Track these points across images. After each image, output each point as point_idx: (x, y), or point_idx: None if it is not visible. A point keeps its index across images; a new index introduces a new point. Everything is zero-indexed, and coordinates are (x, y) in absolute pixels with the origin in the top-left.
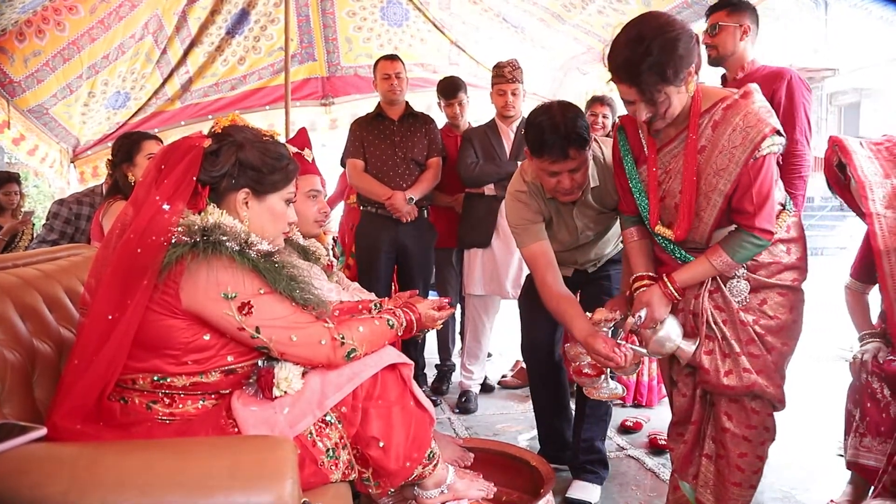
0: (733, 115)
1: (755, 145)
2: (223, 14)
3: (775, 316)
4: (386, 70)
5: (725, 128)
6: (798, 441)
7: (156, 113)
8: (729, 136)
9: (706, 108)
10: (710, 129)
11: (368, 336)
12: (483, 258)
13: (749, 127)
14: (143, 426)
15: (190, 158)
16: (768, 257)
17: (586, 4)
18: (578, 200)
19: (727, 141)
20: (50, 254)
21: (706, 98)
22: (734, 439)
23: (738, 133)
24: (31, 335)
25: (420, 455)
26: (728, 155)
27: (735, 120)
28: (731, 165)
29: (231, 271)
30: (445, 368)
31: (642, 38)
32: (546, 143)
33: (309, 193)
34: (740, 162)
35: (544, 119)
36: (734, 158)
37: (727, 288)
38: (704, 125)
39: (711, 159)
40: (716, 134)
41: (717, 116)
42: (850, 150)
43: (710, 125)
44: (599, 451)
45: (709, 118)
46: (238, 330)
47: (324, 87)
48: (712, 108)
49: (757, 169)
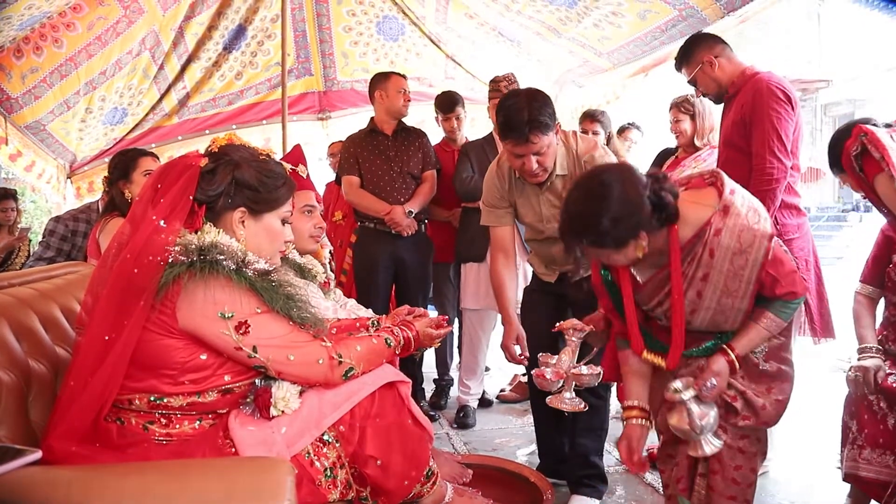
0: (729, 240)
1: (762, 263)
2: (220, 30)
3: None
4: (402, 86)
5: (726, 254)
6: (797, 454)
7: (153, 128)
8: (731, 260)
9: (689, 238)
10: (707, 256)
11: (366, 355)
12: (479, 272)
13: (749, 248)
14: (139, 447)
15: (186, 178)
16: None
17: (582, 18)
18: (545, 186)
19: (730, 264)
20: (46, 272)
21: (686, 225)
22: (730, 452)
23: (739, 256)
24: (27, 355)
25: (418, 473)
26: (737, 278)
27: (732, 244)
28: (744, 286)
29: (228, 291)
30: (444, 383)
31: (578, 210)
32: (510, 127)
33: (304, 209)
34: (752, 280)
35: (512, 104)
36: (745, 278)
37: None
38: (700, 253)
39: (722, 283)
40: (714, 260)
41: (713, 245)
42: (885, 144)
43: (708, 253)
44: (595, 465)
45: (704, 247)
46: (235, 349)
47: (320, 102)
48: (700, 233)
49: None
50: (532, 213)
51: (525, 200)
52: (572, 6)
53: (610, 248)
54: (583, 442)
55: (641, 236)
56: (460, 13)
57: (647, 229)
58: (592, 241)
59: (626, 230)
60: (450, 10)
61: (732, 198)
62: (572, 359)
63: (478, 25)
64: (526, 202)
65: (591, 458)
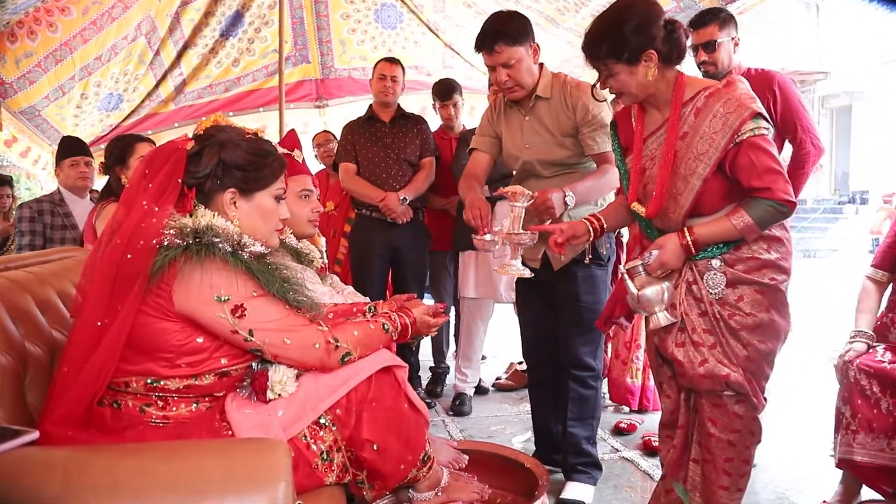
0: (715, 102)
1: (734, 130)
2: (217, 16)
3: (751, 313)
4: (383, 71)
5: (707, 114)
6: (791, 442)
7: (149, 115)
8: (710, 123)
9: (690, 97)
10: (692, 116)
11: (363, 340)
12: (477, 261)
13: (729, 113)
14: (136, 430)
15: (173, 161)
16: (747, 252)
17: (580, 8)
18: (528, 110)
19: (708, 127)
20: (41, 256)
21: (690, 87)
22: (720, 444)
23: (718, 119)
24: (23, 338)
25: (414, 458)
26: (708, 140)
27: (716, 107)
28: (711, 150)
29: (224, 274)
30: (440, 371)
31: (602, 17)
32: (480, 39)
33: (301, 193)
34: (720, 147)
35: (487, 19)
36: (714, 143)
37: (704, 280)
38: (688, 113)
39: (692, 144)
40: (698, 120)
41: (700, 104)
42: None
43: (693, 112)
44: (588, 453)
45: (692, 106)
46: (231, 333)
47: (318, 89)
48: (696, 96)
49: (755, 149)
50: (513, 141)
51: (509, 126)
52: None
53: (625, 64)
54: (574, 431)
55: (652, 57)
56: (458, 2)
57: (658, 50)
58: (611, 48)
59: (643, 39)
60: None
61: (739, 83)
62: (515, 225)
63: (476, 14)
64: (510, 128)
65: (583, 446)
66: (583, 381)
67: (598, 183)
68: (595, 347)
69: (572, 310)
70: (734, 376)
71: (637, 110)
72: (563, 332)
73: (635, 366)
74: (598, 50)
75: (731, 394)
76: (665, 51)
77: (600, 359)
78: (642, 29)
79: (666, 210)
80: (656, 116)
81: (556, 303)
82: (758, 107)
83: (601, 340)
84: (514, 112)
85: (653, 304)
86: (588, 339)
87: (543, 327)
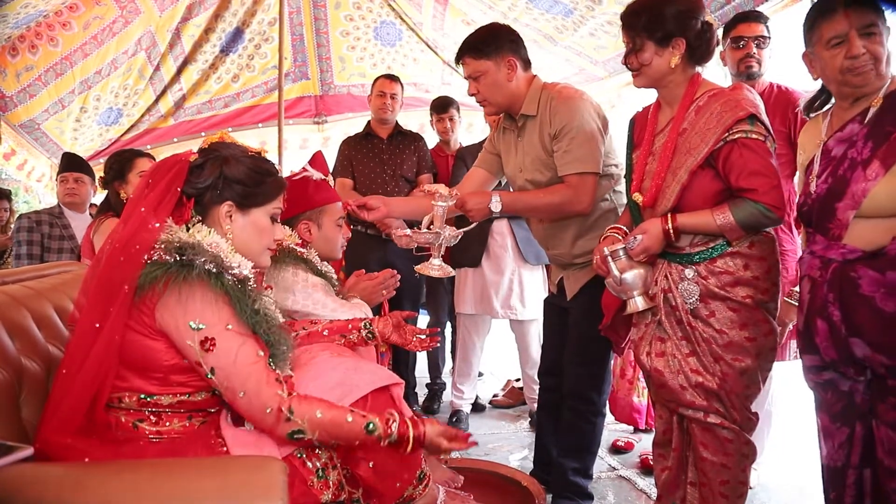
0: (714, 102)
1: (726, 126)
2: (217, 32)
3: (721, 330)
4: (383, 88)
5: (705, 112)
6: (789, 460)
7: (149, 130)
8: (706, 120)
9: (696, 97)
10: (693, 114)
11: (326, 425)
12: (473, 277)
13: (725, 111)
14: (134, 444)
15: (175, 171)
16: (721, 265)
17: (578, 27)
18: (519, 130)
19: (703, 123)
20: (38, 271)
21: (702, 88)
22: (714, 467)
23: (714, 116)
24: (19, 353)
25: (410, 476)
26: (700, 135)
27: (714, 105)
28: (701, 145)
29: (202, 298)
30: (436, 387)
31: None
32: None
33: (338, 222)
34: (709, 143)
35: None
36: (705, 139)
37: (679, 290)
38: (690, 111)
39: (687, 140)
40: (696, 118)
41: (702, 102)
42: None
43: (695, 110)
44: (575, 484)
45: (695, 105)
46: (196, 364)
47: (317, 106)
48: (701, 96)
49: (746, 150)
50: (509, 164)
51: (506, 148)
52: (568, 15)
53: (654, 43)
54: (563, 461)
55: (681, 46)
56: (457, 20)
57: (689, 43)
58: (648, 23)
59: (679, 26)
60: (447, 16)
61: (744, 89)
62: (437, 223)
63: None
64: (507, 151)
65: (569, 477)
66: (581, 415)
67: (537, 200)
68: (599, 382)
69: (578, 339)
70: (708, 384)
71: (654, 108)
72: (568, 360)
73: (641, 384)
74: (636, 21)
75: (716, 420)
76: (695, 45)
77: (605, 394)
78: (682, 16)
79: (657, 203)
80: (667, 114)
81: (567, 325)
82: (756, 111)
83: (607, 374)
84: (509, 133)
85: (632, 289)
86: (592, 372)
87: (556, 351)
